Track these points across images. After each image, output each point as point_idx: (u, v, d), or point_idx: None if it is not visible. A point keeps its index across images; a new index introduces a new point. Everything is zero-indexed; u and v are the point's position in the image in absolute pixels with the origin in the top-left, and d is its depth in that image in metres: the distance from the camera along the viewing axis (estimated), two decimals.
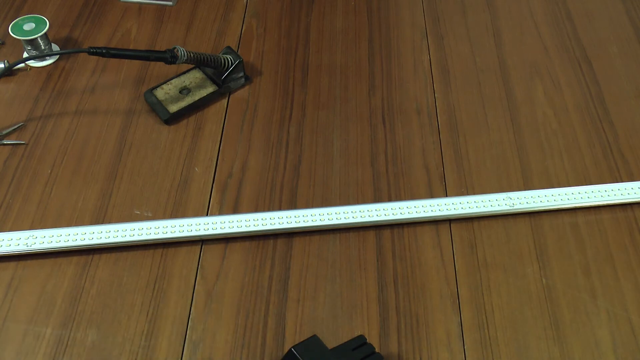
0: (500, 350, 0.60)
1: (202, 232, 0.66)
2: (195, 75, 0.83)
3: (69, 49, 0.88)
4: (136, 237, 0.66)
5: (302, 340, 0.56)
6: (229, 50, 0.83)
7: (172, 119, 0.79)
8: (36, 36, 0.83)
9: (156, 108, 0.79)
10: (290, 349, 0.55)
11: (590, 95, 0.84)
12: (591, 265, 0.67)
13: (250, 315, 0.62)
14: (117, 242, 0.65)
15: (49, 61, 0.86)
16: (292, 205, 0.71)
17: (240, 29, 0.92)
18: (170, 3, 0.95)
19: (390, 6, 0.96)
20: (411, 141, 0.78)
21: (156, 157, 0.75)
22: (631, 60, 0.88)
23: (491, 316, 0.62)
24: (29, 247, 0.65)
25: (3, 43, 0.88)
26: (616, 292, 0.64)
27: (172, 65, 0.77)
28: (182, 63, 0.77)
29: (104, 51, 0.74)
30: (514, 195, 0.71)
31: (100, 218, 0.69)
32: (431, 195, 0.72)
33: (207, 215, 0.70)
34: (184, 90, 0.81)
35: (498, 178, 0.74)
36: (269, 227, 0.67)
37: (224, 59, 0.80)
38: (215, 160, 0.75)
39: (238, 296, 0.63)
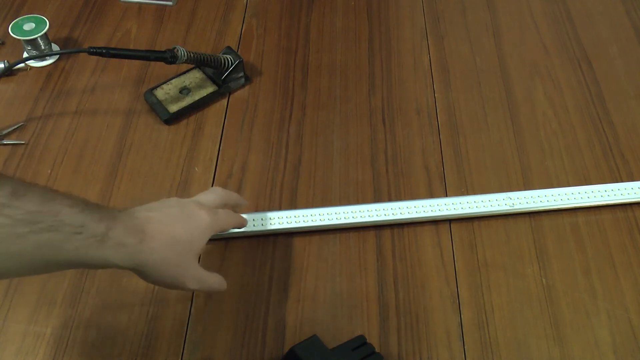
0: (500, 350, 0.60)
1: None
2: (195, 75, 0.83)
3: (69, 49, 0.88)
4: None
5: (302, 340, 0.56)
6: (229, 50, 0.83)
7: (172, 119, 0.79)
8: (36, 36, 0.83)
9: (156, 108, 0.79)
10: (290, 349, 0.55)
11: (590, 95, 0.84)
12: (591, 265, 0.67)
13: (250, 315, 0.62)
14: None
15: (49, 61, 0.86)
16: (292, 205, 0.71)
17: (240, 29, 0.92)
18: (170, 3, 0.95)
19: (390, 6, 0.96)
20: (411, 141, 0.78)
21: (156, 157, 0.75)
22: (631, 60, 0.88)
23: (491, 316, 0.62)
24: None
25: (3, 43, 0.88)
26: (616, 292, 0.64)
27: (172, 65, 0.77)
28: (182, 63, 0.76)
29: (104, 51, 0.74)
30: (514, 195, 0.71)
31: None
32: (431, 195, 0.72)
33: None
34: (184, 90, 0.81)
35: (498, 178, 0.74)
36: (269, 227, 0.67)
37: (224, 59, 0.80)
38: (215, 160, 0.75)
39: (238, 296, 0.63)
